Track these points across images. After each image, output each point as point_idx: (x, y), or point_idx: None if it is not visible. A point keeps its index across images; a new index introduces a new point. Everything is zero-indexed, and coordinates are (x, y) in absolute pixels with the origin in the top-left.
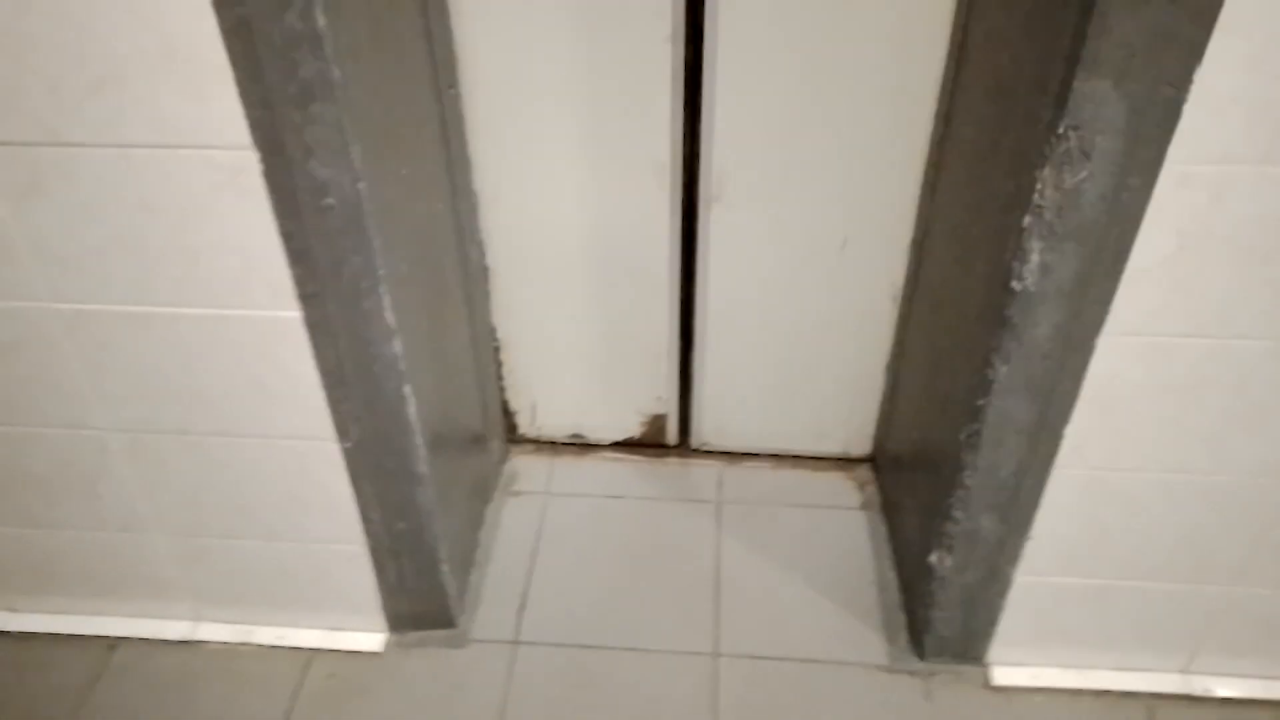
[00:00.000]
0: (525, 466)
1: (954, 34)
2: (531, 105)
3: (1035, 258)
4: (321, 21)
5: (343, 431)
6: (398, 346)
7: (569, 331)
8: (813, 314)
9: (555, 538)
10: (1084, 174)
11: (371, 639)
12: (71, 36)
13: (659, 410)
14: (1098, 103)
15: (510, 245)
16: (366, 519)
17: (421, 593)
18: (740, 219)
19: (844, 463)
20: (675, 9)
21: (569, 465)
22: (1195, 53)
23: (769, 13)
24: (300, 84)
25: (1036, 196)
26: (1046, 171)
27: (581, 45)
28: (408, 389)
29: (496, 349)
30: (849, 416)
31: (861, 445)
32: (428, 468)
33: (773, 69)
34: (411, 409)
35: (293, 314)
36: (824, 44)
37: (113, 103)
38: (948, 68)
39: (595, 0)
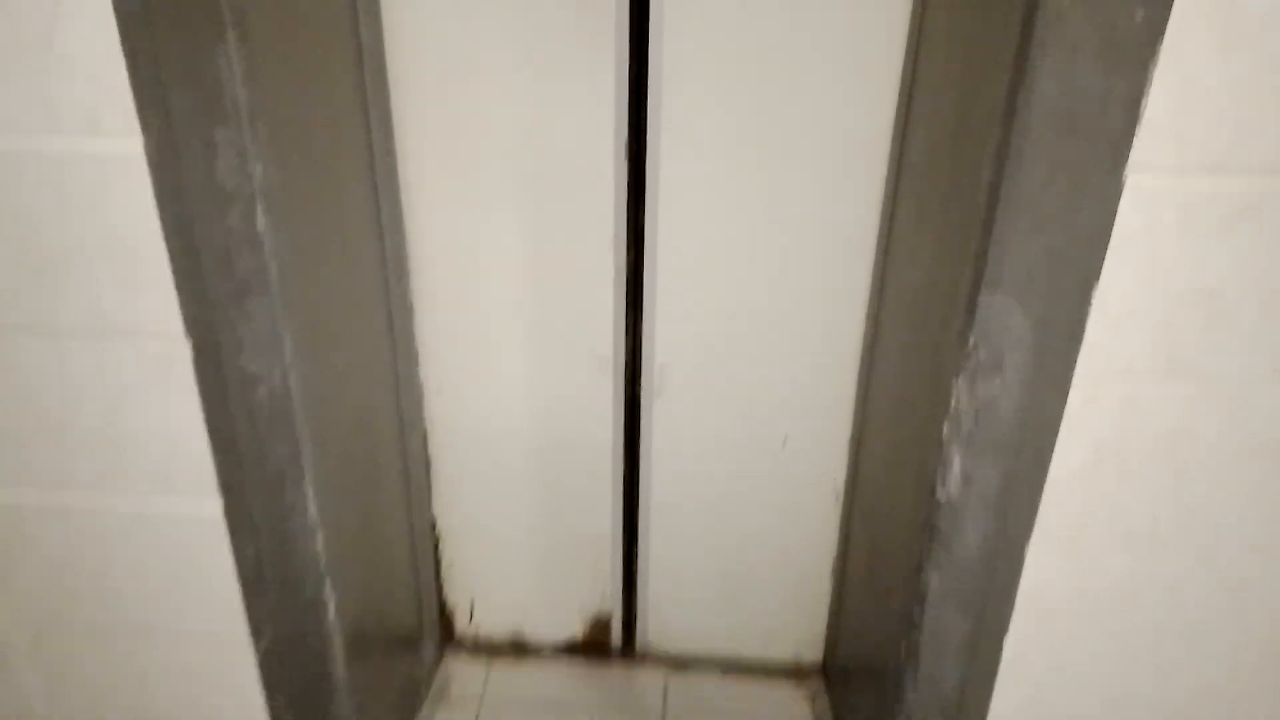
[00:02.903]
0: (460, 671)
1: (879, 243)
2: (480, 302)
3: (957, 467)
4: (262, 223)
5: (257, 632)
6: (320, 542)
7: (512, 525)
8: (758, 511)
9: None
10: (996, 384)
11: None
12: (16, 227)
13: (603, 610)
14: (1004, 317)
15: (454, 436)
16: None
17: None
18: (683, 413)
19: (795, 672)
20: (617, 216)
21: (507, 670)
22: (1092, 273)
23: (705, 220)
24: (237, 280)
25: (954, 405)
26: (961, 381)
27: (530, 248)
28: (328, 587)
29: (436, 542)
30: (798, 620)
31: (813, 651)
32: (347, 674)
33: (713, 271)
34: (332, 609)
35: (213, 505)
36: (759, 251)
37: (49, 290)
38: (875, 274)
39: (543, 207)
